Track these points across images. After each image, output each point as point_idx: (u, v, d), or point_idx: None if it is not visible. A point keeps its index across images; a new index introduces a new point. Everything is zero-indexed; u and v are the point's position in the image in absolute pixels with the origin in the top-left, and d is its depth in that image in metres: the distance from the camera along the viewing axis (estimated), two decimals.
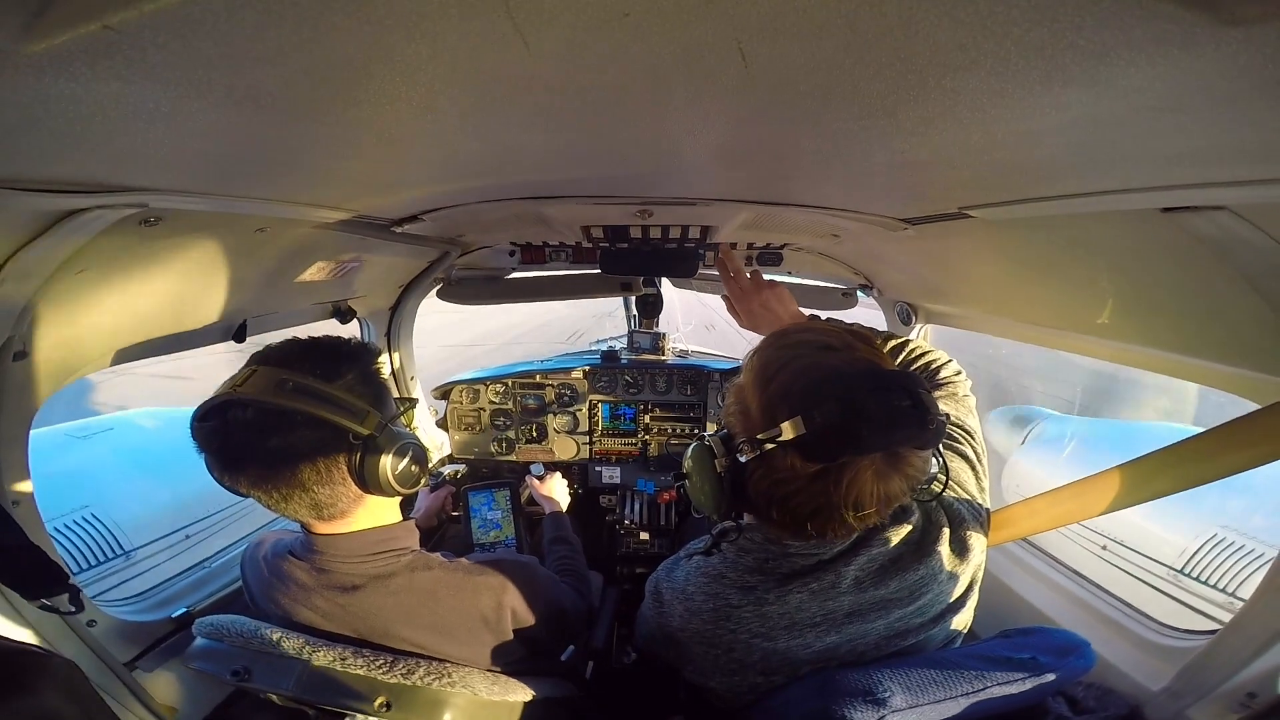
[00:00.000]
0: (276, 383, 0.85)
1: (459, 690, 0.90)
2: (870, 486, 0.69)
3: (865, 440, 0.67)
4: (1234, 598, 2.27)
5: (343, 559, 0.99)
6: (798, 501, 0.72)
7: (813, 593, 0.83)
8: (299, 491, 0.89)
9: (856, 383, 0.69)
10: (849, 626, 0.83)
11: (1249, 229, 0.69)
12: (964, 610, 0.90)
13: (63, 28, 0.37)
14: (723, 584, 0.89)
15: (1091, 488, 1.02)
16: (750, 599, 0.85)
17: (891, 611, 0.83)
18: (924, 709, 0.70)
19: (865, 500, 0.70)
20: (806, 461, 0.69)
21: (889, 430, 0.67)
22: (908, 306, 2.00)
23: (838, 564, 0.83)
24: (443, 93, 0.57)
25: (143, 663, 1.20)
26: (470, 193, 1.21)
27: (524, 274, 2.45)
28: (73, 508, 2.45)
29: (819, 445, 0.68)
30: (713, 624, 0.87)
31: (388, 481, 0.92)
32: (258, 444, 0.85)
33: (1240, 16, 0.34)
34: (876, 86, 0.53)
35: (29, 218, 0.74)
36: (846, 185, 1.07)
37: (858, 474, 0.68)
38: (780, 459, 0.71)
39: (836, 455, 0.67)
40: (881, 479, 0.69)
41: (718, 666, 0.88)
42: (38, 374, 0.99)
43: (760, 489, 0.75)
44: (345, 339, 1.01)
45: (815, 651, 0.84)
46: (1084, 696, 0.82)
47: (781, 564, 0.85)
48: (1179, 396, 4.98)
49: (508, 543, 1.77)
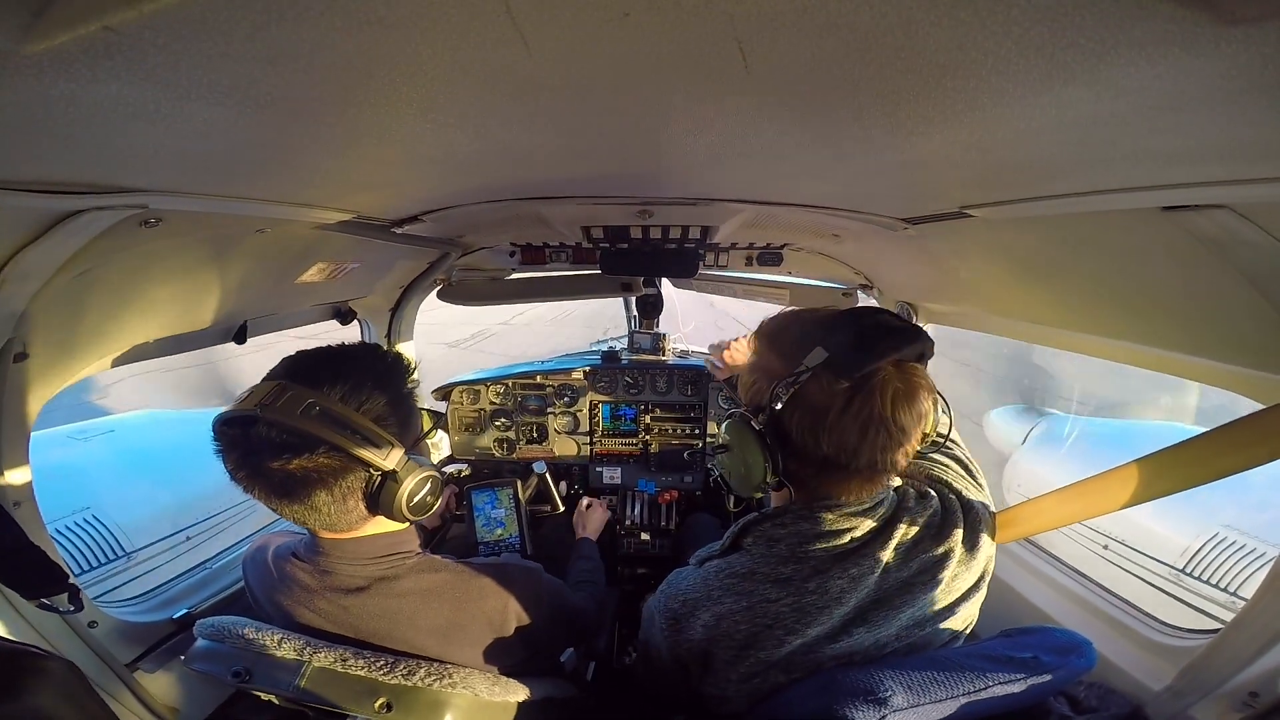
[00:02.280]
0: (304, 406, 0.83)
1: (460, 691, 0.90)
2: (901, 400, 0.78)
3: (880, 346, 0.78)
4: (1236, 597, 2.27)
5: (347, 562, 0.99)
6: (844, 425, 0.78)
7: (852, 579, 0.83)
8: (311, 511, 0.89)
9: (855, 313, 0.84)
10: (875, 614, 0.84)
11: (1249, 227, 0.69)
12: (971, 604, 0.91)
13: (63, 28, 0.37)
14: (754, 581, 0.87)
15: (1097, 487, 1.02)
16: (788, 592, 0.84)
17: (916, 597, 0.85)
18: (925, 708, 0.70)
19: (906, 396, 0.78)
20: (838, 379, 0.77)
21: (893, 337, 0.79)
22: (908, 306, 2.00)
23: (874, 546, 0.85)
24: (442, 93, 0.57)
25: (144, 664, 1.20)
26: (470, 193, 1.21)
27: (524, 274, 2.45)
28: (74, 509, 2.45)
29: (845, 361, 0.77)
30: (748, 624, 0.85)
31: (401, 511, 0.92)
32: (276, 464, 0.84)
33: (1240, 16, 0.34)
34: (877, 86, 0.53)
35: (29, 219, 0.74)
36: (847, 185, 1.07)
37: (885, 383, 0.77)
38: (814, 389, 0.79)
39: (862, 365, 0.77)
40: (906, 394, 0.78)
41: (742, 672, 0.86)
42: (39, 375, 0.99)
43: (804, 425, 0.80)
44: (382, 352, 0.99)
45: (843, 646, 0.83)
46: (1086, 696, 0.81)
47: (816, 546, 0.85)
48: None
49: (511, 540, 1.79)
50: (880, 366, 0.78)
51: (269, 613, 1.05)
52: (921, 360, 0.84)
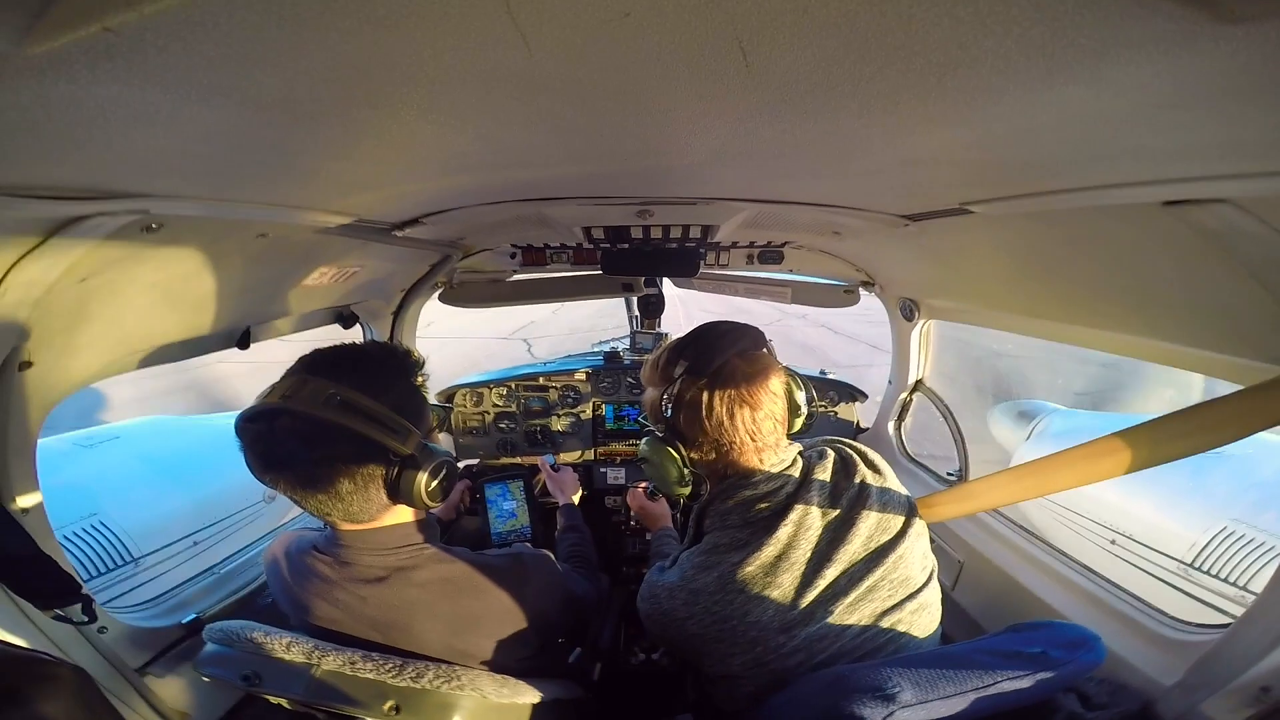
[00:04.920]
0: (325, 397, 0.87)
1: (468, 693, 0.90)
2: (750, 380, 0.98)
3: (721, 344, 1.01)
4: (1246, 591, 2.26)
5: (367, 552, 1.01)
6: (714, 409, 0.98)
7: (795, 524, 0.97)
8: (334, 499, 0.92)
9: (701, 328, 1.07)
10: (834, 551, 0.95)
11: (1251, 221, 0.69)
12: (919, 540, 1.01)
13: (63, 30, 0.37)
14: (719, 553, 0.99)
15: (1051, 465, 1.08)
16: (749, 551, 0.96)
17: (859, 527, 0.97)
18: (933, 704, 0.70)
19: (753, 376, 0.98)
20: (699, 378, 0.99)
21: (731, 335, 1.02)
22: (910, 303, 2.00)
23: (802, 494, 1.00)
24: (443, 94, 0.57)
25: (154, 668, 1.20)
26: (470, 195, 1.21)
27: (525, 276, 2.45)
28: (81, 516, 2.46)
29: (698, 363, 1.00)
30: (721, 593, 0.96)
31: (420, 498, 0.95)
32: (301, 453, 0.88)
33: (1240, 14, 0.34)
34: (877, 85, 0.53)
35: (30, 225, 0.74)
36: (848, 183, 1.07)
37: (734, 370, 0.98)
38: (686, 392, 1.00)
39: (711, 362, 0.99)
40: (753, 374, 0.99)
41: (741, 644, 0.93)
42: (43, 383, 0.99)
43: (690, 419, 1.01)
44: (393, 347, 1.04)
45: (823, 591, 0.93)
46: (1095, 692, 0.81)
47: (760, 506, 1.00)
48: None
49: (523, 531, 1.87)
50: (727, 359, 0.99)
51: (289, 607, 1.08)
52: (758, 348, 1.04)
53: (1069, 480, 1.06)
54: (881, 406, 2.38)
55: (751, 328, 1.05)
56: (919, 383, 2.20)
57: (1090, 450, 1.00)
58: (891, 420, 2.29)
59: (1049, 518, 3.07)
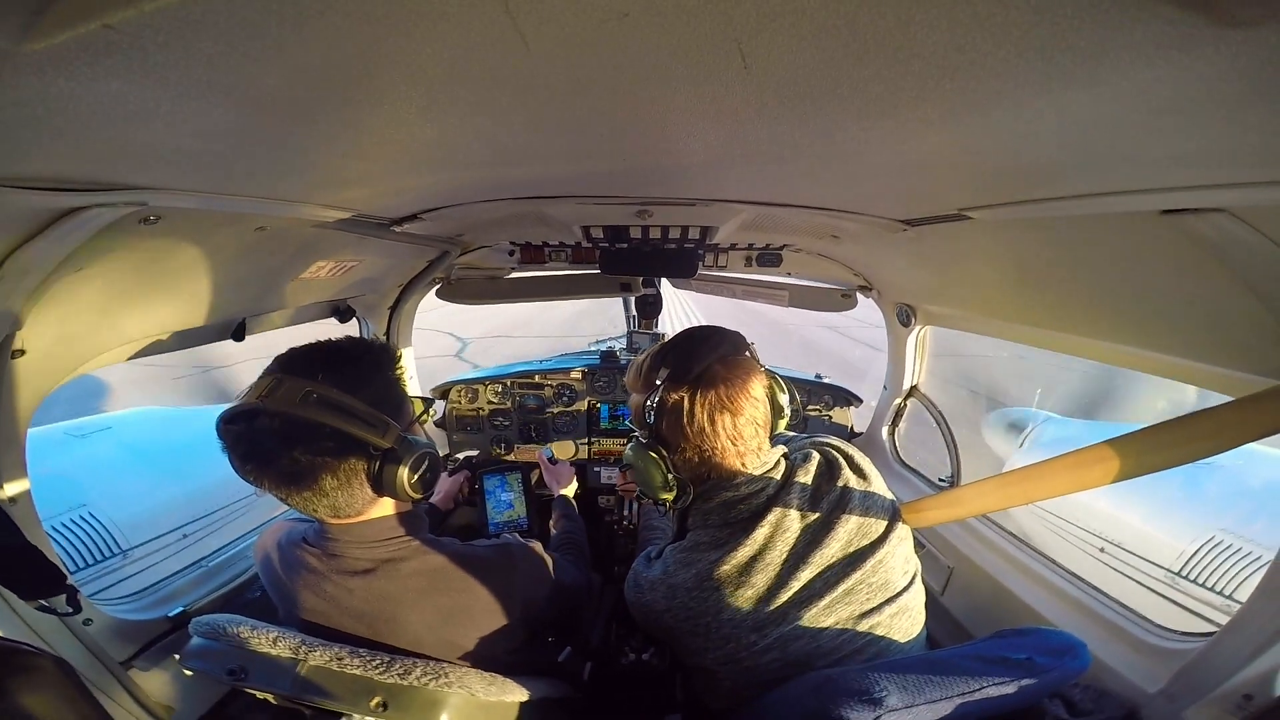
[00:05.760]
0: (302, 395, 0.87)
1: (456, 690, 0.90)
2: (730, 384, 0.98)
3: (702, 350, 1.01)
4: (1232, 600, 2.27)
5: (354, 545, 1.01)
6: (696, 414, 0.98)
7: (773, 525, 0.98)
8: (318, 495, 0.92)
9: (683, 333, 1.07)
10: (811, 553, 0.96)
11: (1248, 231, 0.70)
12: (902, 544, 1.02)
13: (63, 27, 0.37)
14: (699, 550, 1.02)
15: (1039, 472, 1.07)
16: (725, 550, 0.98)
17: (836, 531, 0.98)
18: (919, 709, 0.70)
19: (734, 381, 0.98)
20: (681, 384, 0.99)
21: (712, 340, 1.03)
22: (907, 308, 2.00)
23: (783, 496, 1.01)
24: (442, 92, 0.57)
25: (139, 662, 1.20)
26: (469, 192, 1.21)
27: (523, 274, 2.45)
28: (70, 506, 2.44)
29: (679, 370, 1.00)
30: (698, 589, 0.98)
31: (404, 489, 0.95)
32: (282, 453, 0.88)
33: (1239, 18, 0.35)
34: (876, 88, 0.53)
35: (28, 216, 0.74)
36: (846, 186, 1.07)
37: (715, 375, 0.98)
38: (669, 397, 1.00)
39: (693, 368, 0.99)
40: (733, 379, 0.99)
41: (714, 639, 0.96)
42: (36, 372, 0.98)
43: (673, 424, 1.01)
44: (368, 343, 1.03)
45: (798, 593, 0.94)
46: (1080, 698, 0.82)
47: (740, 508, 1.01)
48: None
49: (519, 522, 1.90)
50: (709, 365, 0.99)
51: (279, 599, 1.08)
52: (740, 352, 1.04)
53: (1057, 487, 1.06)
54: (876, 411, 2.39)
55: (733, 332, 1.06)
56: (914, 389, 2.20)
57: (1079, 458, 1.00)
58: (885, 425, 2.30)
59: (1040, 525, 3.08)
